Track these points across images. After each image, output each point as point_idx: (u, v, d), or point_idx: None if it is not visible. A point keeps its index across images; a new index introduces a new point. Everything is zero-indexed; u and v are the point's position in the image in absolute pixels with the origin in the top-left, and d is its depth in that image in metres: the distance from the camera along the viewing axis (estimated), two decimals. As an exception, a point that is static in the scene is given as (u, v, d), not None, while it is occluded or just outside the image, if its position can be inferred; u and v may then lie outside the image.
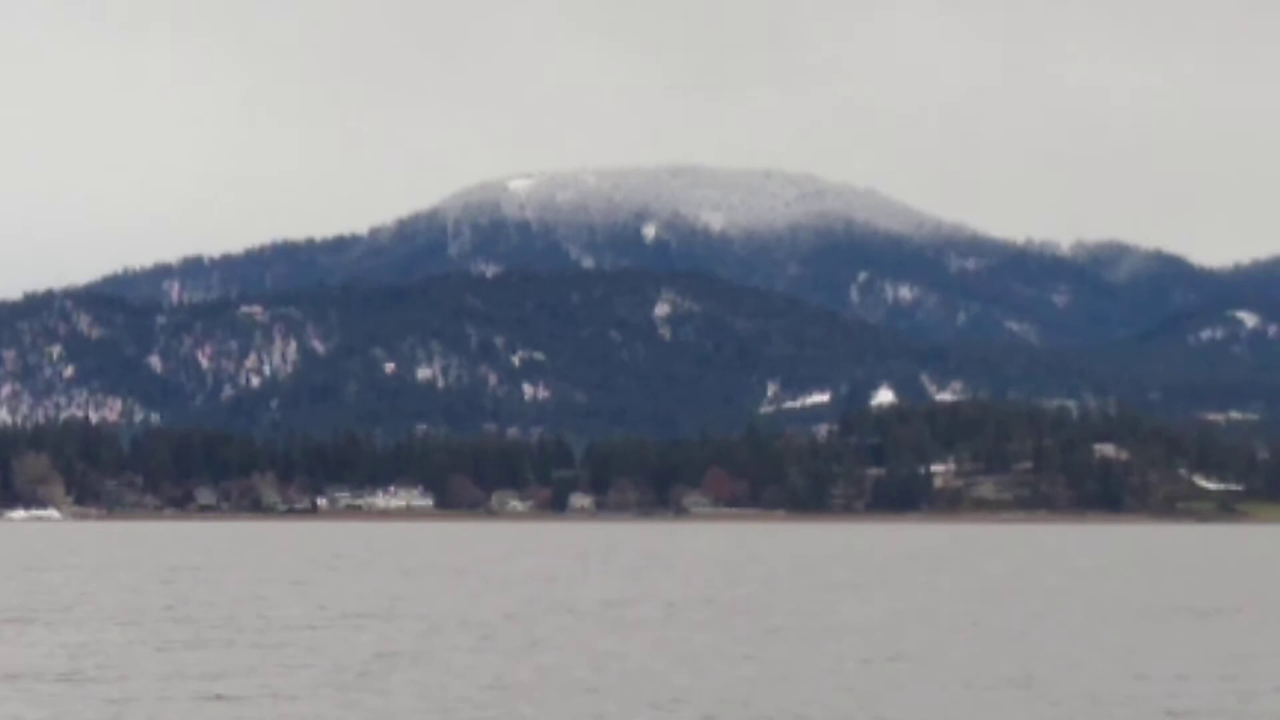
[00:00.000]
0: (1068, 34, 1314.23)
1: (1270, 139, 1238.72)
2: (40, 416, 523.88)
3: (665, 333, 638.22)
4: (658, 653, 64.37)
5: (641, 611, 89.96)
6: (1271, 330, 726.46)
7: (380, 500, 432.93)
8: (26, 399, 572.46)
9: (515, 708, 47.75)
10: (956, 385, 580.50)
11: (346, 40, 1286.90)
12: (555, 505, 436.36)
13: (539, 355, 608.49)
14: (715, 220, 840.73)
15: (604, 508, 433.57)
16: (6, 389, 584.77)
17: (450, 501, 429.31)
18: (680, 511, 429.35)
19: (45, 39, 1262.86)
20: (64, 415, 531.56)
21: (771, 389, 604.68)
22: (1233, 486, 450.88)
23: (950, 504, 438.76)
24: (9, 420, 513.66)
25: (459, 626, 78.40)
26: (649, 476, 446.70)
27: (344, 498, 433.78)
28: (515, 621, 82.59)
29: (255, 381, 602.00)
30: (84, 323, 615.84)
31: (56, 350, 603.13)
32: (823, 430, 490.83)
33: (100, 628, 77.00)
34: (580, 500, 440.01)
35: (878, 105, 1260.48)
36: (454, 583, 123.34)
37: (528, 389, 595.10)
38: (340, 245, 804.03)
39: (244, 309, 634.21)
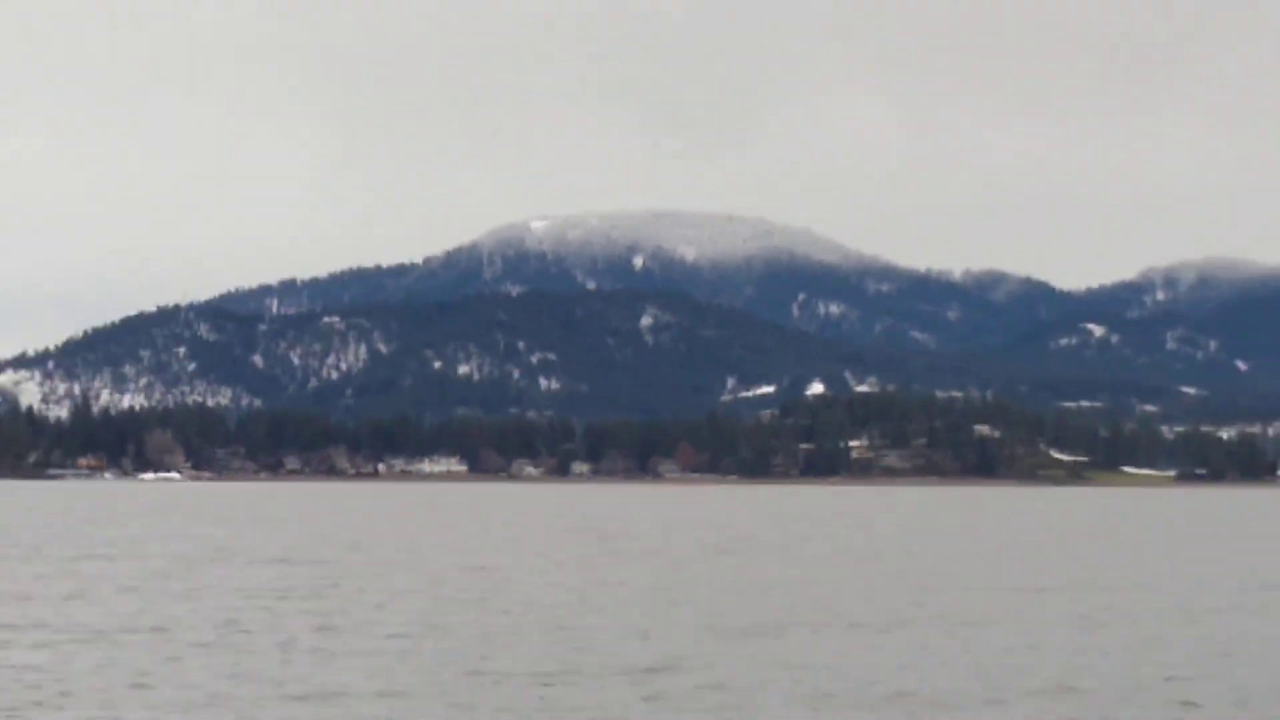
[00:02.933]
0: (965, 109, 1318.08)
1: (1115, 188, 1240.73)
2: (170, 402, 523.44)
3: (649, 339, 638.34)
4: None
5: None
6: (1114, 339, 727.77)
7: (426, 466, 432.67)
8: (158, 388, 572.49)
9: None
10: (872, 380, 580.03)
11: (408, 113, 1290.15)
12: (560, 471, 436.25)
13: (551, 355, 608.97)
14: (689, 253, 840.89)
15: (598, 473, 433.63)
16: (143, 380, 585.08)
17: (479, 468, 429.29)
18: (657, 476, 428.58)
19: (182, 113, 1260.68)
20: (189, 400, 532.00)
21: (730, 383, 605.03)
22: (1080, 457, 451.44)
23: (864, 471, 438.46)
24: (145, 404, 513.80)
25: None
26: (633, 449, 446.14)
27: (398, 464, 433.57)
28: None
29: (334, 375, 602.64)
30: (203, 330, 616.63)
31: (182, 350, 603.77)
32: (767, 414, 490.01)
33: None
34: (580, 467, 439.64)
35: (815, 164, 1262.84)
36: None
37: (543, 381, 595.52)
38: (401, 271, 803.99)
39: (326, 319, 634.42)
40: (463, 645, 39.46)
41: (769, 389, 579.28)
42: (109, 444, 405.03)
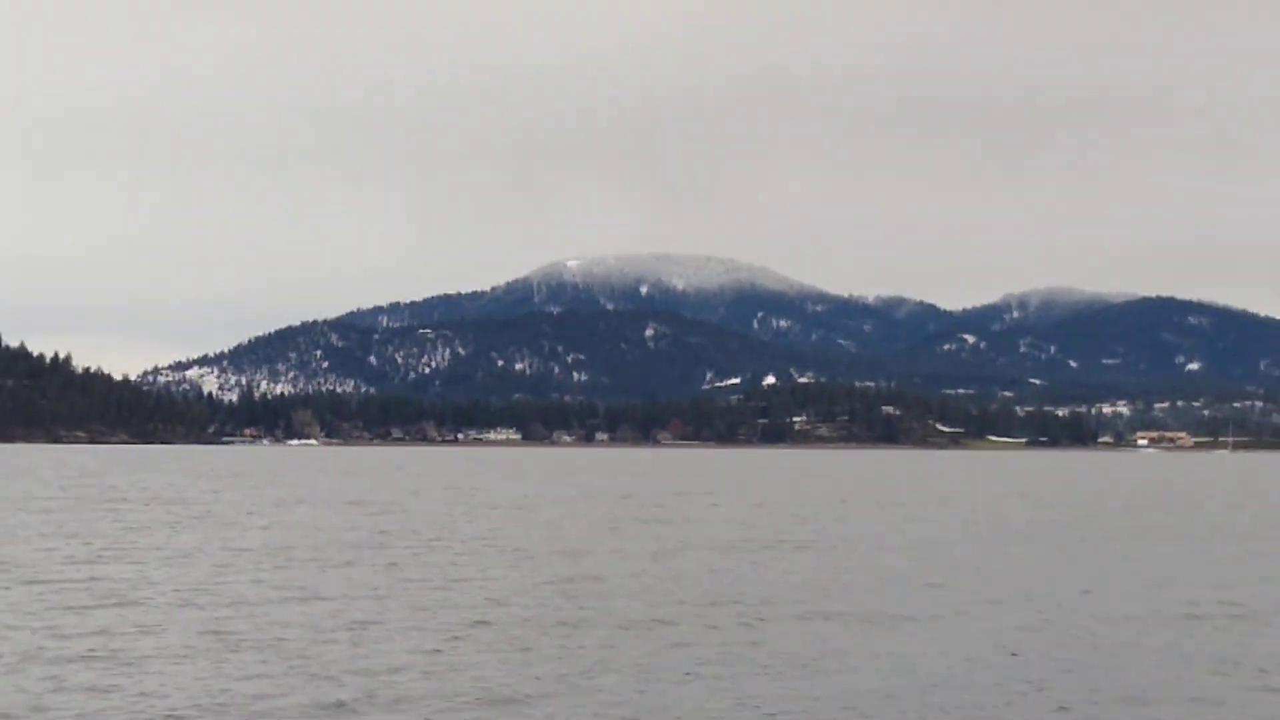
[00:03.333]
0: (877, 177, 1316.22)
1: (984, 235, 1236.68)
2: (309, 390, 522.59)
3: (650, 345, 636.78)
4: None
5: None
6: (982, 345, 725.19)
7: (491, 436, 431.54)
8: (301, 379, 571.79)
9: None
10: (809, 374, 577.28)
11: (479, 182, 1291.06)
12: (587, 439, 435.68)
13: (581, 356, 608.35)
14: (679, 284, 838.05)
15: (614, 440, 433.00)
16: (291, 374, 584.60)
17: (529, 437, 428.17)
18: (656, 443, 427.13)
19: (320, 184, 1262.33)
20: (323, 388, 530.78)
21: (708, 376, 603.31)
22: (958, 429, 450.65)
23: (803, 439, 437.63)
24: (291, 390, 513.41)
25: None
26: (639, 423, 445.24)
27: (471, 434, 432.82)
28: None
29: (427, 370, 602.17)
30: (334, 338, 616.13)
31: (319, 353, 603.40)
32: (735, 399, 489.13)
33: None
34: (601, 436, 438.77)
35: (770, 218, 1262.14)
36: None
37: (575, 375, 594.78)
38: (474, 296, 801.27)
39: (421, 331, 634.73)
40: (437, 561, 39.16)
41: (736, 380, 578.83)
42: (266, 419, 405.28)
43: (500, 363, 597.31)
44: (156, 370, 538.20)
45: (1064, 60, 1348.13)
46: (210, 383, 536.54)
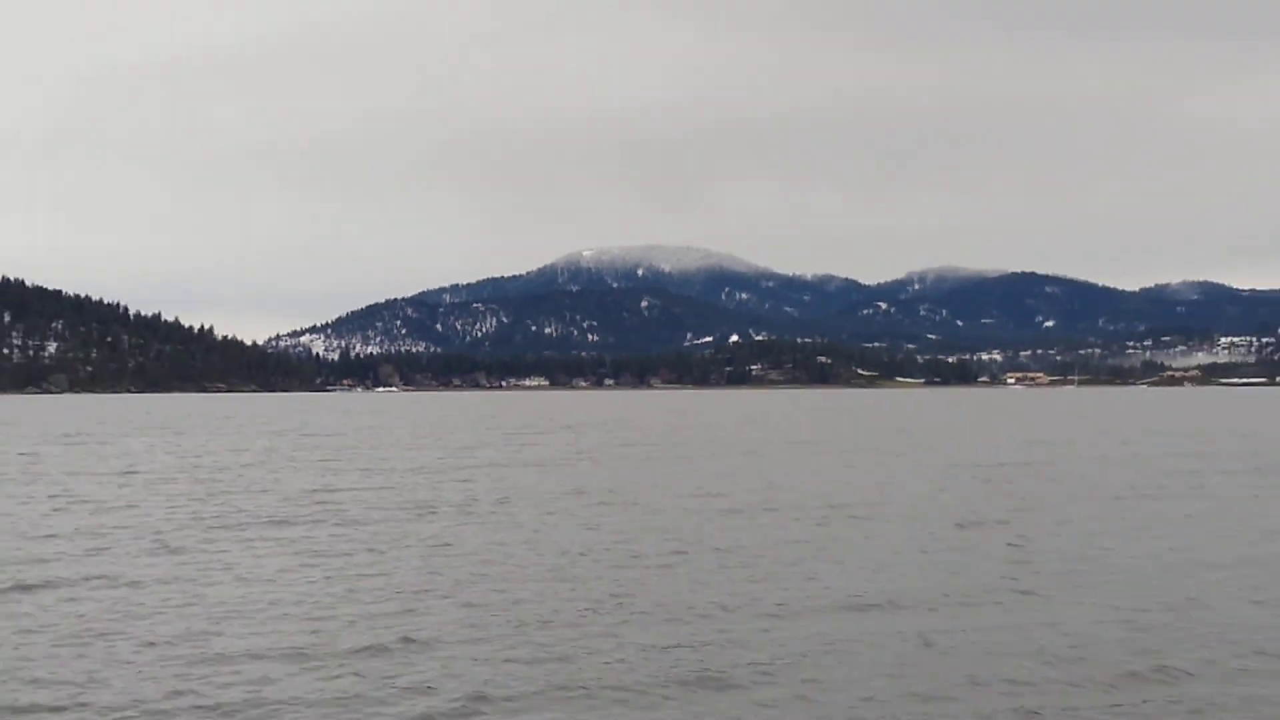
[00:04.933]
0: (813, 186, 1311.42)
1: (897, 230, 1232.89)
2: (392, 350, 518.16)
3: (645, 314, 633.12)
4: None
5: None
6: (892, 310, 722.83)
7: (527, 383, 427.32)
8: (386, 342, 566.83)
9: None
10: (764, 333, 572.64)
11: (517, 190, 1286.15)
12: (598, 384, 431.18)
13: (594, 323, 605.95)
14: (667, 267, 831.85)
15: (618, 385, 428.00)
16: (378, 338, 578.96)
17: (555, 383, 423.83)
18: (650, 386, 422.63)
19: (402, 197, 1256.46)
20: (402, 349, 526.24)
21: (689, 336, 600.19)
22: (874, 373, 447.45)
23: (758, 382, 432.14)
24: (378, 350, 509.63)
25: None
26: (636, 371, 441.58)
27: (512, 381, 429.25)
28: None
29: (480, 334, 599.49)
30: (409, 311, 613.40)
31: (398, 322, 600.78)
32: (708, 352, 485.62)
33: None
34: (608, 381, 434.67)
35: (734, 216, 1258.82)
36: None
37: (589, 336, 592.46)
38: (515, 279, 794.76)
39: (475, 305, 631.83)
40: (422, 466, 35.55)
41: (709, 339, 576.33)
42: (359, 372, 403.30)
43: (533, 328, 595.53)
44: (278, 337, 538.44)
45: (945, 87, 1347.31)
46: (318, 345, 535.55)
